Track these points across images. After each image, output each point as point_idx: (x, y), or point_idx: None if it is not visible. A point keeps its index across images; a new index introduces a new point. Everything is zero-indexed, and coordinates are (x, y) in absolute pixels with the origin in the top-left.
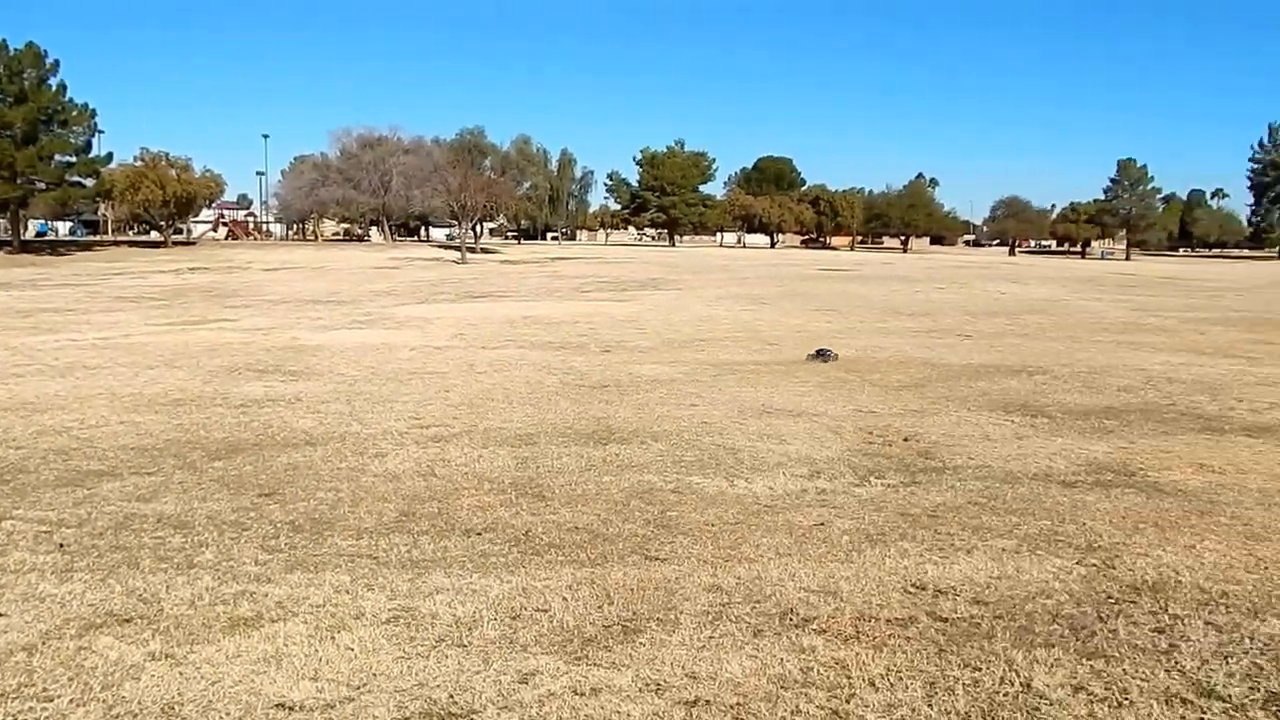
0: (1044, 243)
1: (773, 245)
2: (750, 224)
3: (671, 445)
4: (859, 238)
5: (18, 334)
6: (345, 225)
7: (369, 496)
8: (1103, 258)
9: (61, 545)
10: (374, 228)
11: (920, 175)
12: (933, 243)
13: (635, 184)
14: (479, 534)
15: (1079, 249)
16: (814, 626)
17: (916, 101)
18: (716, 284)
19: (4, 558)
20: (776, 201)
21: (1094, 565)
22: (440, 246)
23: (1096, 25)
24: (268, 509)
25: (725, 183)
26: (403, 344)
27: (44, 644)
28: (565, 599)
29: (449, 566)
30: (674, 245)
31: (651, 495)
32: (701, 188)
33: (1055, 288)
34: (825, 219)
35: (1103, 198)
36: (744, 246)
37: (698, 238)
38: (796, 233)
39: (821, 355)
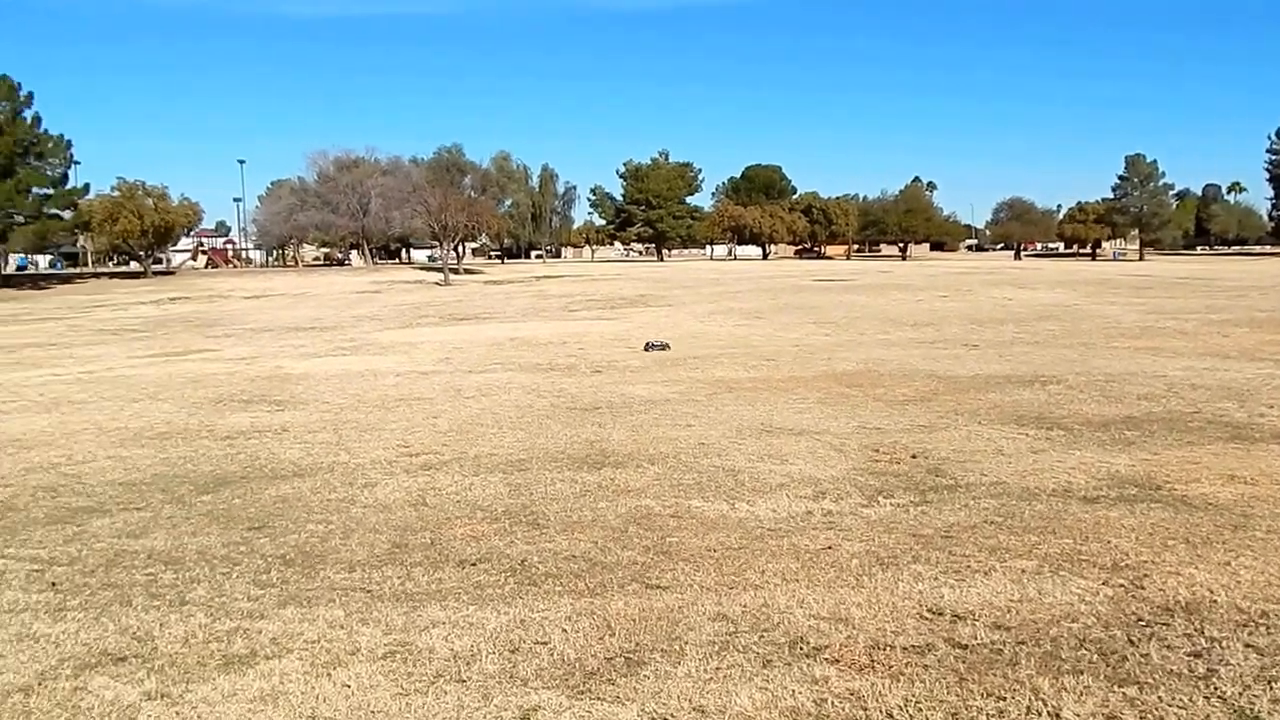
0: (1051, 245)
1: (765, 257)
2: (741, 236)
3: (669, 468)
4: (854, 246)
5: (1, 370)
6: (325, 250)
7: (360, 528)
8: (1115, 259)
9: (54, 584)
10: (354, 251)
11: (917, 179)
12: (933, 249)
13: (620, 198)
14: (474, 564)
15: (1089, 250)
16: (826, 656)
17: (910, 103)
18: (708, 299)
19: None
20: (767, 211)
21: (1121, 585)
22: (422, 268)
23: (1097, 18)
24: (258, 543)
25: (713, 193)
26: (388, 370)
27: (40, 685)
28: (565, 630)
29: (444, 599)
30: (662, 260)
31: (650, 521)
32: (688, 199)
33: (1066, 292)
34: (819, 228)
35: (1111, 196)
36: (735, 259)
37: (686, 251)
38: (789, 243)
39: (657, 346)
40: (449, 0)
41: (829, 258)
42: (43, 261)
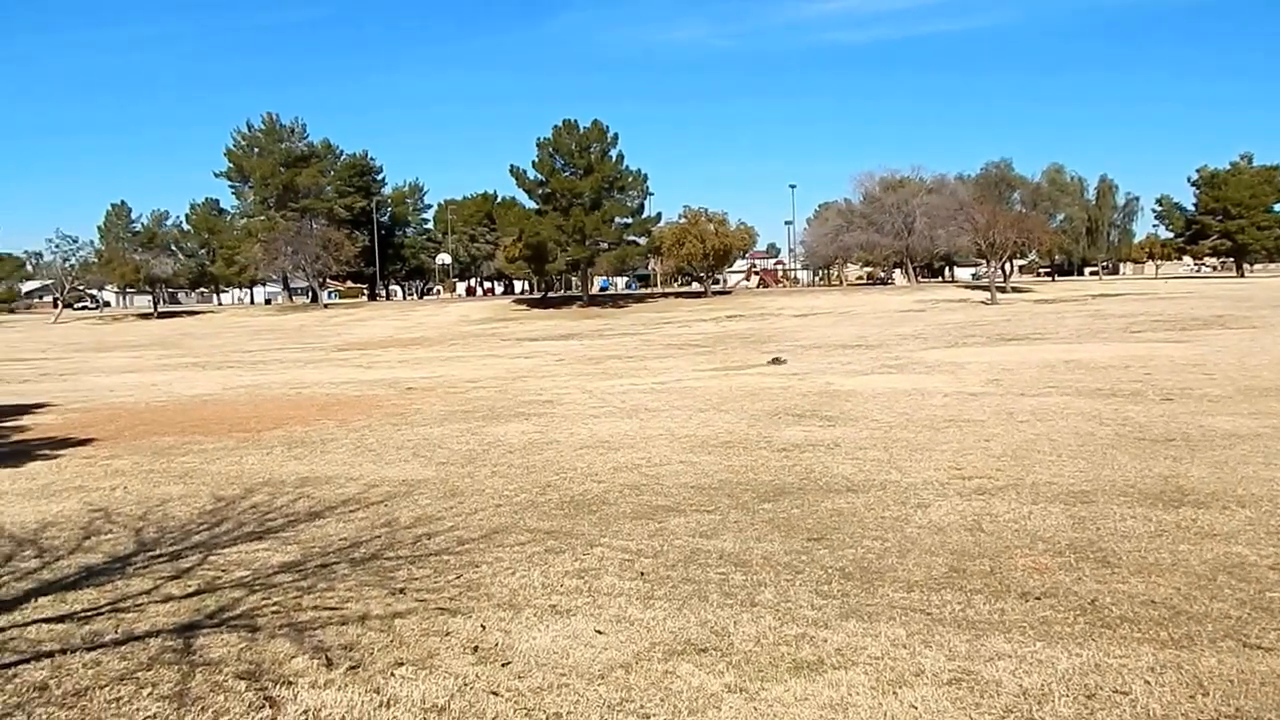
0: None
1: None
2: None
3: (1263, 513)
4: None
5: (591, 379)
6: (868, 269)
7: (915, 548)
8: None
9: (642, 574)
10: (897, 270)
11: None
12: None
13: (1191, 208)
14: (1037, 598)
15: None
16: None
17: None
18: None
19: (598, 580)
20: None
21: None
22: (966, 287)
23: None
24: (817, 553)
25: None
26: (935, 390)
27: (636, 664)
28: (1148, 682)
29: (1008, 631)
30: (1242, 275)
31: (1243, 570)
32: (1277, 207)
33: None
34: None
35: None
36: None
37: (1272, 266)
38: None
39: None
40: (994, 14)
41: None
42: (620, 282)
